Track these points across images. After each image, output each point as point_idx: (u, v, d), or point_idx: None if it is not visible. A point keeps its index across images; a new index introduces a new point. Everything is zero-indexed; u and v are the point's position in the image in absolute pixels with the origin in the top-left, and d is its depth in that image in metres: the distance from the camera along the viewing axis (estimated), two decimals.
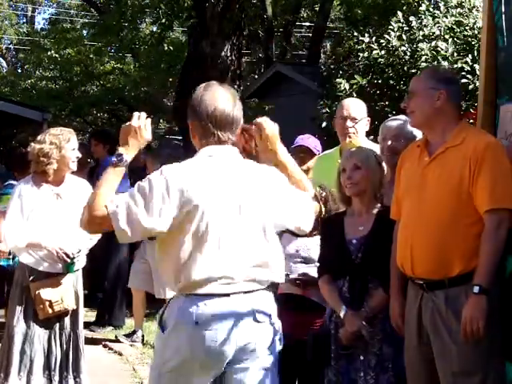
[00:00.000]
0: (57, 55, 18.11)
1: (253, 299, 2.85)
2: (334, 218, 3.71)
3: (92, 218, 2.76)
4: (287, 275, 3.88)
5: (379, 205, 3.55)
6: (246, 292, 2.83)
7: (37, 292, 4.36)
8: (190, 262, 2.78)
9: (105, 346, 6.52)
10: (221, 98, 2.96)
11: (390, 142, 3.81)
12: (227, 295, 2.80)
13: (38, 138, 4.51)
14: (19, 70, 28.92)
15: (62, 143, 4.42)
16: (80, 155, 4.57)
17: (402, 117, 3.95)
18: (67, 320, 4.49)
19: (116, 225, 2.72)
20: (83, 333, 4.63)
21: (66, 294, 4.44)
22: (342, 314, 3.42)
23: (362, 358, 3.38)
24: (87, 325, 7.14)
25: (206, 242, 2.79)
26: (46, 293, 4.36)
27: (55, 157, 4.41)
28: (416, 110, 3.16)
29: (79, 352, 4.52)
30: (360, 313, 3.38)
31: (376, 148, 3.93)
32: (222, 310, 2.79)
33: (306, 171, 4.67)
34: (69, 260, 4.38)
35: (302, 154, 4.83)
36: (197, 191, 2.80)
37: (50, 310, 4.37)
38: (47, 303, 4.36)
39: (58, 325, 4.46)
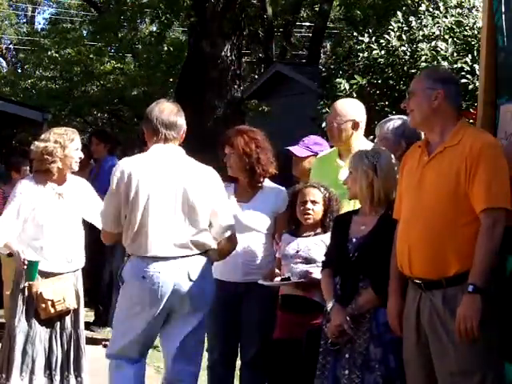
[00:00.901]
0: (57, 55, 18.09)
1: (188, 262, 3.71)
2: (343, 216, 3.75)
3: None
4: (288, 278, 3.88)
5: (385, 208, 3.55)
6: (182, 256, 3.69)
7: (38, 292, 4.35)
8: (140, 233, 3.67)
9: (105, 346, 6.49)
10: (167, 107, 3.83)
11: (378, 143, 3.82)
12: (168, 258, 3.68)
13: (42, 136, 4.51)
14: (19, 70, 28.91)
15: (66, 142, 4.42)
16: (83, 156, 4.57)
17: (397, 117, 3.93)
18: (68, 319, 4.49)
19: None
20: (84, 332, 4.63)
21: (68, 293, 4.44)
22: (329, 307, 3.46)
23: (347, 355, 3.40)
24: (87, 325, 7.12)
25: (150, 216, 3.65)
26: (47, 292, 4.36)
27: (59, 155, 4.40)
28: (415, 109, 3.18)
29: (80, 351, 4.52)
30: (346, 309, 3.41)
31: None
32: (164, 269, 3.66)
33: (304, 174, 4.68)
34: (24, 267, 4.33)
35: (293, 158, 4.87)
36: (142, 176, 3.66)
37: (52, 310, 4.37)
38: (49, 303, 4.35)
39: (59, 324, 4.45)
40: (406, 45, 7.74)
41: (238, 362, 4.33)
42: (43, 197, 4.44)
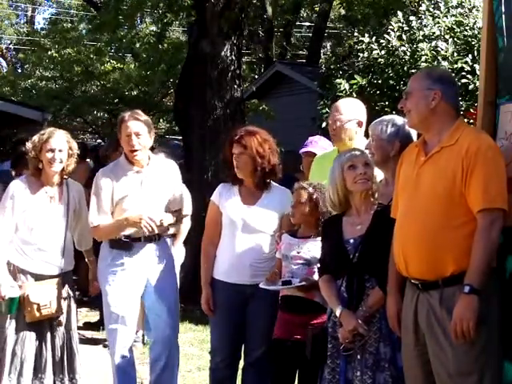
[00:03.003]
0: (57, 55, 18.06)
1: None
2: (332, 218, 3.72)
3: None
4: (289, 281, 3.88)
5: (376, 204, 3.56)
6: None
7: (26, 294, 4.32)
8: None
9: (105, 346, 6.50)
10: None
11: (370, 143, 3.80)
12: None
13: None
14: (19, 70, 28.89)
15: (39, 143, 4.39)
16: (57, 158, 4.40)
17: (390, 117, 3.93)
18: (60, 321, 4.46)
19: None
20: (76, 333, 4.59)
21: (55, 297, 4.39)
22: (337, 314, 3.44)
23: (359, 357, 3.39)
24: (88, 325, 7.13)
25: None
26: (34, 296, 4.32)
27: (33, 156, 4.39)
28: (412, 110, 3.16)
29: (73, 353, 4.49)
30: (356, 312, 3.40)
31: None
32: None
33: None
34: (2, 300, 4.29)
35: (311, 159, 4.87)
36: None
37: (38, 314, 4.33)
38: (35, 306, 4.31)
39: (49, 327, 4.42)
40: (407, 45, 7.75)
41: (240, 363, 4.32)
42: (34, 199, 4.42)
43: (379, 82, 7.87)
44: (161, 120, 19.12)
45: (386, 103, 7.69)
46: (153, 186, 4.43)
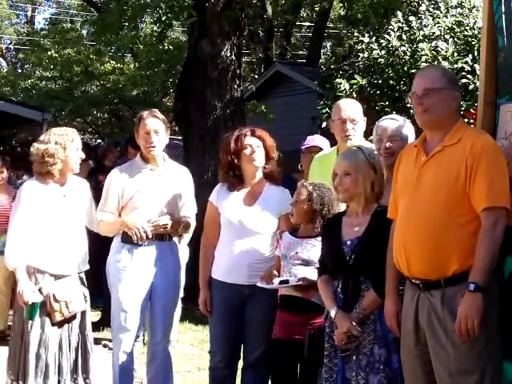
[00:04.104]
0: (57, 55, 18.06)
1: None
2: (332, 219, 3.72)
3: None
4: (286, 281, 3.87)
5: (376, 205, 3.55)
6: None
7: (51, 294, 4.30)
8: None
9: (105, 346, 6.51)
10: None
11: (386, 143, 3.75)
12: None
13: (42, 138, 4.43)
14: (19, 70, 28.89)
15: (66, 143, 4.37)
16: (84, 156, 4.52)
17: (396, 116, 3.93)
18: (75, 322, 4.45)
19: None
20: (91, 333, 4.58)
21: (78, 294, 4.41)
22: (332, 315, 3.44)
23: (354, 357, 3.39)
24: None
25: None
26: (60, 294, 4.32)
27: (60, 157, 4.34)
28: (430, 108, 3.08)
29: (87, 353, 4.49)
30: (351, 314, 3.39)
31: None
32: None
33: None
34: (25, 306, 4.26)
35: (312, 156, 4.87)
36: None
37: (66, 311, 4.33)
38: (63, 304, 4.31)
39: (67, 327, 4.41)
40: (407, 45, 7.75)
41: (240, 364, 4.33)
42: (49, 199, 4.39)
43: (379, 82, 7.87)
44: None
45: (386, 103, 7.70)
46: (165, 186, 4.48)
